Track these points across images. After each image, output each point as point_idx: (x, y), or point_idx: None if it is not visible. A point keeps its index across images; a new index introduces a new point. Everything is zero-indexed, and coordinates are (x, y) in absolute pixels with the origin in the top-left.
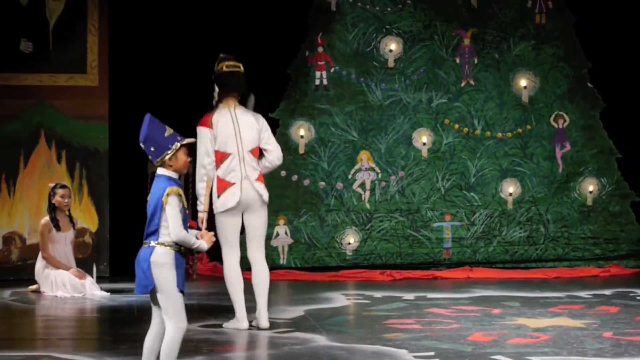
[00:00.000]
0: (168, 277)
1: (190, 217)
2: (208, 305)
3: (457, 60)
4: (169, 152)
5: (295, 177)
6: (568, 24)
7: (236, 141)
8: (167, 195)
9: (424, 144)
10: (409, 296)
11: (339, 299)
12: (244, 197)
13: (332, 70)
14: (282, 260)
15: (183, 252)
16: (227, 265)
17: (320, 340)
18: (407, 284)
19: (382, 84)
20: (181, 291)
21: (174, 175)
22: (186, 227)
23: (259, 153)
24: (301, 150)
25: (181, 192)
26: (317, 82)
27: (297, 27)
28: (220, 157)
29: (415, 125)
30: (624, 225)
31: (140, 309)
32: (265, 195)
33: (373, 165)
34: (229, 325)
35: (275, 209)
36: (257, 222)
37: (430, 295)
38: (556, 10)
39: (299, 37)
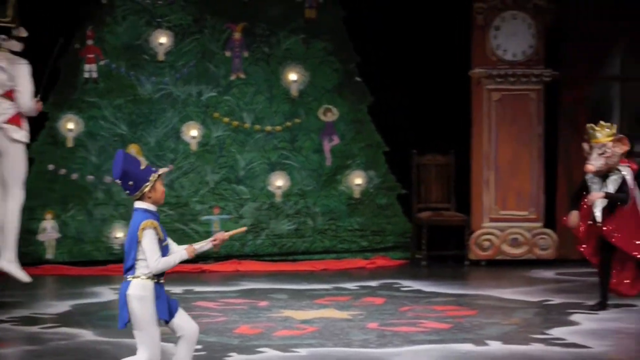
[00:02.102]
0: (144, 311)
1: None
2: None
3: (228, 54)
4: (148, 184)
5: (63, 171)
6: (337, 19)
7: None
8: (142, 229)
9: (194, 137)
10: (177, 290)
11: (107, 293)
12: None
13: (101, 63)
14: (50, 255)
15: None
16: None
17: (87, 335)
18: (175, 277)
19: (152, 77)
20: (166, 321)
21: (152, 207)
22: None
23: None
24: (69, 144)
25: (156, 224)
26: (87, 75)
27: (67, 20)
28: None
29: (184, 118)
30: (391, 217)
31: None
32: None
33: (142, 158)
34: None
35: (42, 204)
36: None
37: (198, 288)
38: (326, 4)
39: (69, 30)
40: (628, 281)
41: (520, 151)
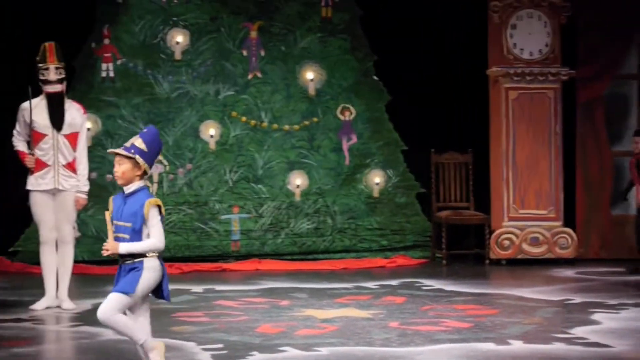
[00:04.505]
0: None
1: None
2: None
3: (244, 53)
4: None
5: None
6: (354, 17)
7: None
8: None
9: (212, 136)
10: (198, 289)
11: None
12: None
13: (118, 62)
14: None
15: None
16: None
17: (107, 334)
18: (196, 276)
19: (169, 76)
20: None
21: None
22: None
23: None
24: (88, 143)
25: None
26: (104, 74)
27: (83, 19)
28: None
29: (202, 117)
30: (410, 216)
31: None
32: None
33: (160, 157)
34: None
35: None
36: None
37: (218, 287)
38: (342, 3)
39: (84, 29)
40: None
41: (538, 150)
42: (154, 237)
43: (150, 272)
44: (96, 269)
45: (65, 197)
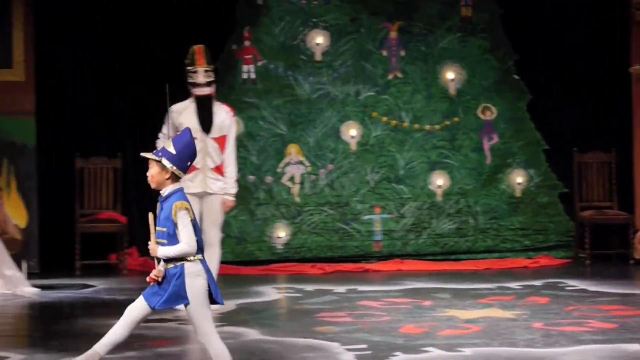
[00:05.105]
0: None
1: None
2: None
3: (384, 53)
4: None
5: None
6: (494, 16)
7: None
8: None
9: (353, 137)
10: (340, 289)
11: (270, 293)
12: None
13: (259, 63)
14: None
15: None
16: None
17: (252, 334)
18: (338, 276)
19: (310, 77)
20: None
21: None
22: None
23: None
24: None
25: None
26: (245, 75)
27: (224, 21)
28: None
29: (343, 118)
30: (552, 216)
31: (70, 305)
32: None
33: (302, 158)
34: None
35: None
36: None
37: (361, 287)
38: (482, 2)
39: (225, 31)
40: None
41: None
42: (183, 241)
43: (191, 277)
44: (240, 269)
45: (213, 200)
